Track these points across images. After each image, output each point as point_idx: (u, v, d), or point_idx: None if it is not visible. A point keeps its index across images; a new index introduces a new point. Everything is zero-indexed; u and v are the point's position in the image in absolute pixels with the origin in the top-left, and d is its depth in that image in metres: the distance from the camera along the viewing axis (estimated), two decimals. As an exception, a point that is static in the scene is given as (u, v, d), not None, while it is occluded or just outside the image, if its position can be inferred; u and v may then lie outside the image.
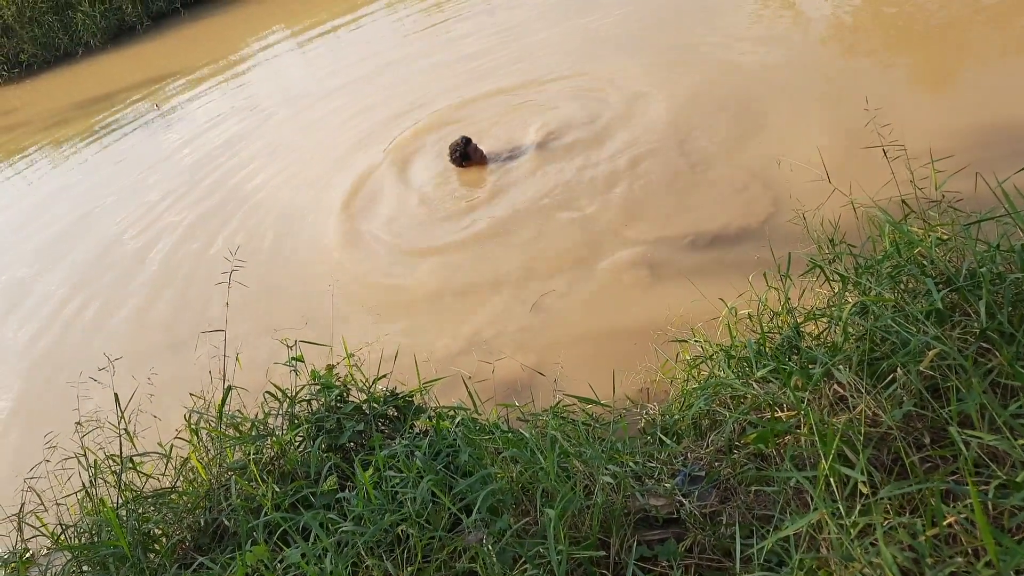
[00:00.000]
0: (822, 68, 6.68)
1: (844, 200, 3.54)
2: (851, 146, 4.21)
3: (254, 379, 4.55)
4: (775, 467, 2.55)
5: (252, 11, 14.84)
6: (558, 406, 3.56)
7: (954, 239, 2.96)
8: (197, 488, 3.40)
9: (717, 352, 3.49)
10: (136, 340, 6.11)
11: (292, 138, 8.86)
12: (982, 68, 6.02)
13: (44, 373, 6.08)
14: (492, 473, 2.77)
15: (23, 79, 14.92)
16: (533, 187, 6.38)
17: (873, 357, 2.70)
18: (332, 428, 3.47)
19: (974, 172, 3.26)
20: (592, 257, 5.33)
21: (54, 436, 3.78)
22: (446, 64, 9.69)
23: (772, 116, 6.15)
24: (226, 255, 4.00)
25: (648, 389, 4.02)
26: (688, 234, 5.18)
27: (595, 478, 2.69)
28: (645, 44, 8.29)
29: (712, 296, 4.02)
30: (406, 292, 5.64)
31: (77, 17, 14.96)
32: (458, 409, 3.48)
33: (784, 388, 2.73)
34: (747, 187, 5.39)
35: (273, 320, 5.61)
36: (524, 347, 4.74)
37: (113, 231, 8.02)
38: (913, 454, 2.35)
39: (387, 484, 2.86)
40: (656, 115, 6.69)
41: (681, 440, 3.17)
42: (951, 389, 2.39)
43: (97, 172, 9.86)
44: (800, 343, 3.05)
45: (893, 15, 7.28)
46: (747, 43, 7.43)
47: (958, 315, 2.65)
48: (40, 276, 7.62)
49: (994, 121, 5.18)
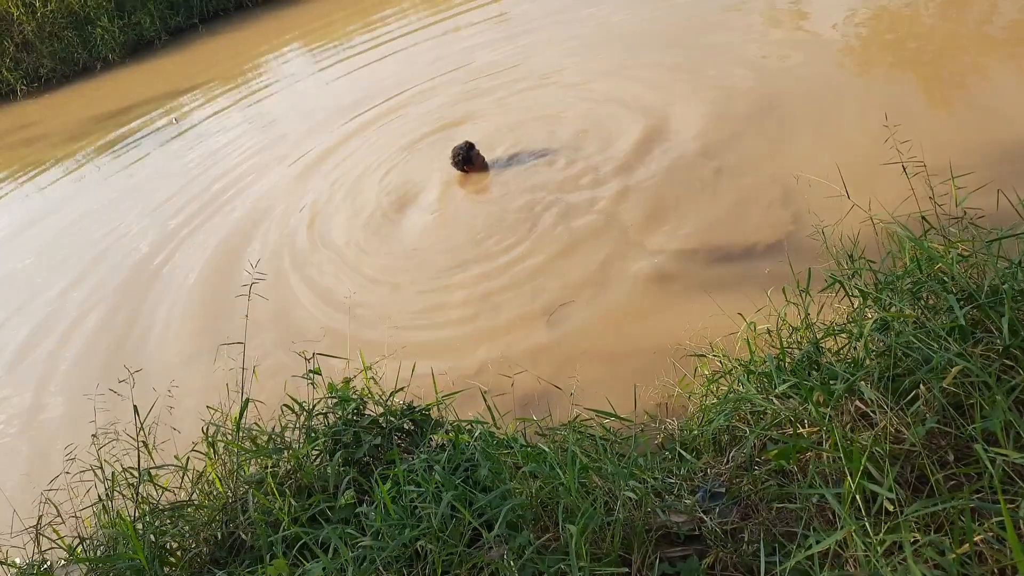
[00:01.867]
0: (840, 84, 6.67)
1: (863, 216, 3.53)
2: (870, 161, 4.20)
3: (272, 391, 4.56)
4: (798, 483, 2.53)
5: (269, 26, 14.98)
6: (576, 420, 3.56)
7: (975, 256, 2.94)
8: (214, 501, 3.40)
9: (736, 367, 3.48)
10: (156, 353, 6.14)
11: (308, 154, 8.91)
12: (1001, 84, 5.99)
13: (64, 386, 6.11)
14: (512, 488, 2.76)
15: (42, 93, 15.08)
16: (542, 195, 6.40)
17: (895, 374, 2.68)
18: (349, 442, 3.47)
19: (995, 188, 3.25)
20: (609, 270, 5.32)
21: (73, 448, 3.79)
22: (461, 73, 9.75)
23: (791, 131, 6.14)
24: (247, 268, 4.02)
25: (666, 404, 4.00)
26: (706, 247, 5.18)
27: (616, 494, 2.68)
28: (660, 53, 8.31)
29: (731, 310, 4.01)
30: (424, 305, 5.65)
31: (96, 32, 15.12)
32: (476, 423, 3.47)
33: (805, 404, 2.71)
34: (765, 201, 5.38)
35: (292, 332, 5.63)
36: (541, 360, 4.73)
37: (132, 244, 8.07)
38: (937, 471, 2.33)
39: (405, 499, 2.85)
40: (673, 127, 6.70)
41: (701, 456, 3.16)
42: (975, 406, 2.37)
43: (115, 185, 9.95)
44: (820, 359, 3.03)
45: (910, 30, 7.27)
46: (762, 59, 7.44)
47: (980, 332, 2.63)
48: (57, 289, 7.67)
49: (1014, 137, 5.16)
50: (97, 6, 15.22)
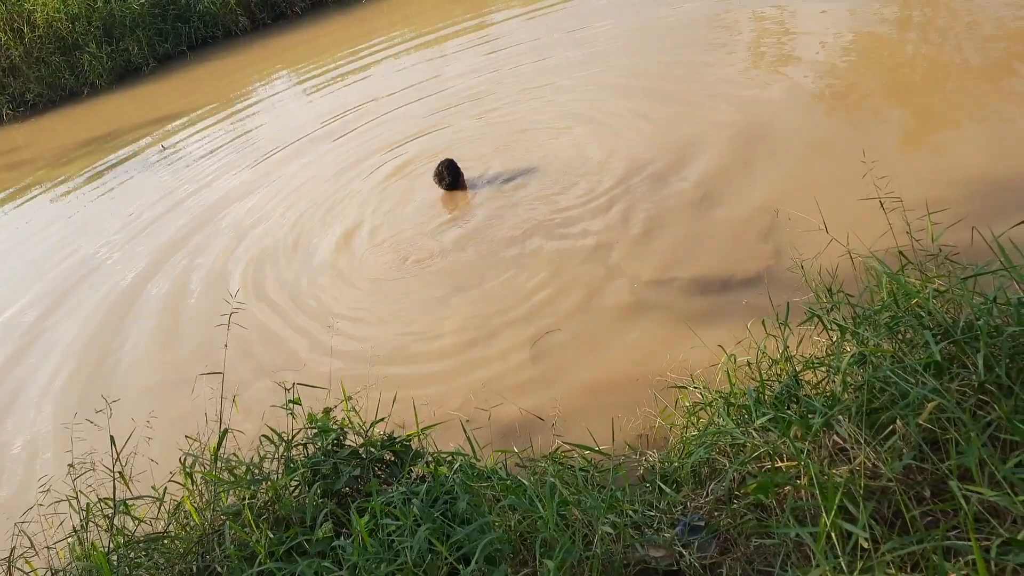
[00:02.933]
0: (819, 119, 6.77)
1: (842, 250, 3.57)
2: (848, 196, 4.27)
3: (252, 421, 4.53)
4: (776, 519, 2.53)
5: (256, 54, 15.05)
6: (557, 452, 3.55)
7: (951, 291, 2.97)
8: (190, 533, 3.36)
9: (716, 399, 3.49)
10: (135, 382, 6.08)
11: (293, 178, 8.92)
12: (975, 121, 6.09)
13: (42, 414, 6.03)
14: (490, 521, 2.74)
15: (28, 118, 15.05)
16: (521, 221, 6.45)
17: (872, 408, 2.70)
18: (328, 473, 3.44)
19: (970, 224, 3.30)
20: (590, 300, 5.33)
21: (48, 479, 3.75)
22: (445, 100, 9.83)
23: (771, 165, 6.20)
24: (226, 297, 4.01)
25: (647, 435, 4.00)
26: (687, 279, 5.20)
27: (594, 527, 2.67)
28: (645, 84, 8.39)
29: (712, 342, 4.03)
30: (406, 334, 5.63)
31: (84, 58, 15.14)
32: (456, 455, 3.46)
33: (783, 438, 2.72)
34: (746, 234, 5.42)
35: (272, 362, 5.60)
36: (522, 390, 4.72)
37: (113, 271, 8.02)
38: (914, 508, 2.34)
39: (383, 532, 2.83)
40: (656, 158, 6.75)
41: (681, 488, 3.15)
42: (950, 442, 2.39)
43: (99, 211, 9.91)
44: (799, 392, 3.05)
45: (887, 68, 7.39)
46: (745, 93, 7.53)
47: (956, 367, 2.66)
48: (37, 316, 7.60)
49: (987, 173, 5.24)
50: (85, 32, 15.24)
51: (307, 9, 16.41)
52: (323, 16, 16.06)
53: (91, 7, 15.33)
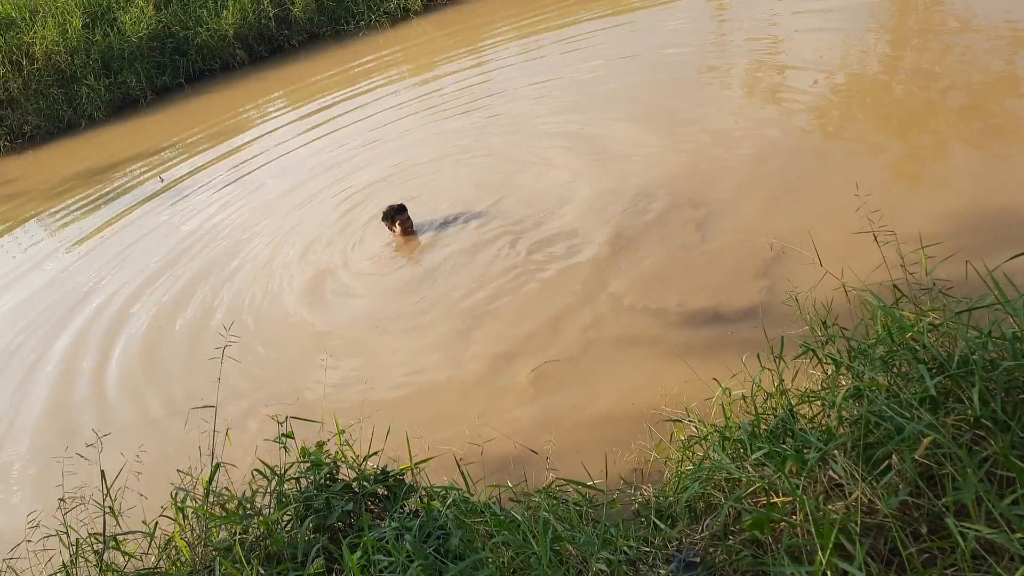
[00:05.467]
0: (813, 153, 6.81)
1: (836, 283, 3.58)
2: (842, 230, 4.29)
3: (244, 455, 4.49)
4: (771, 556, 2.51)
5: (254, 86, 15.14)
6: (551, 487, 3.52)
7: (946, 325, 2.97)
8: (180, 569, 3.32)
9: (712, 433, 3.48)
10: (126, 414, 6.04)
11: (287, 211, 8.92)
12: (968, 155, 6.15)
13: (31, 447, 5.98)
14: (483, 558, 2.71)
15: (25, 150, 15.08)
16: (506, 256, 6.52)
17: (868, 443, 2.68)
18: (321, 507, 3.41)
19: (963, 258, 3.31)
20: (585, 332, 5.33)
21: (37, 514, 3.71)
22: (437, 137, 9.89)
23: (766, 198, 6.23)
24: (220, 331, 4.00)
25: (642, 469, 3.98)
26: (682, 312, 5.20)
27: (588, 564, 2.64)
28: (637, 117, 8.45)
29: (706, 375, 4.02)
30: (396, 367, 5.62)
31: (82, 90, 15.20)
32: (449, 489, 3.43)
33: (779, 473, 2.70)
34: (739, 267, 5.44)
35: (265, 395, 5.57)
36: (516, 424, 4.70)
37: (106, 302, 7.99)
38: (911, 544, 2.32)
39: (375, 568, 2.80)
40: (649, 191, 6.78)
41: (676, 524, 3.13)
42: (947, 477, 2.37)
43: (93, 243, 9.90)
44: (794, 426, 3.03)
45: (878, 102, 7.47)
46: (733, 130, 7.58)
47: (952, 402, 2.65)
48: (31, 347, 7.56)
49: (980, 207, 5.27)
50: (84, 65, 15.32)
51: (304, 43, 16.53)
52: (320, 49, 16.20)
53: (90, 40, 15.42)
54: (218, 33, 16.04)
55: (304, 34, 16.71)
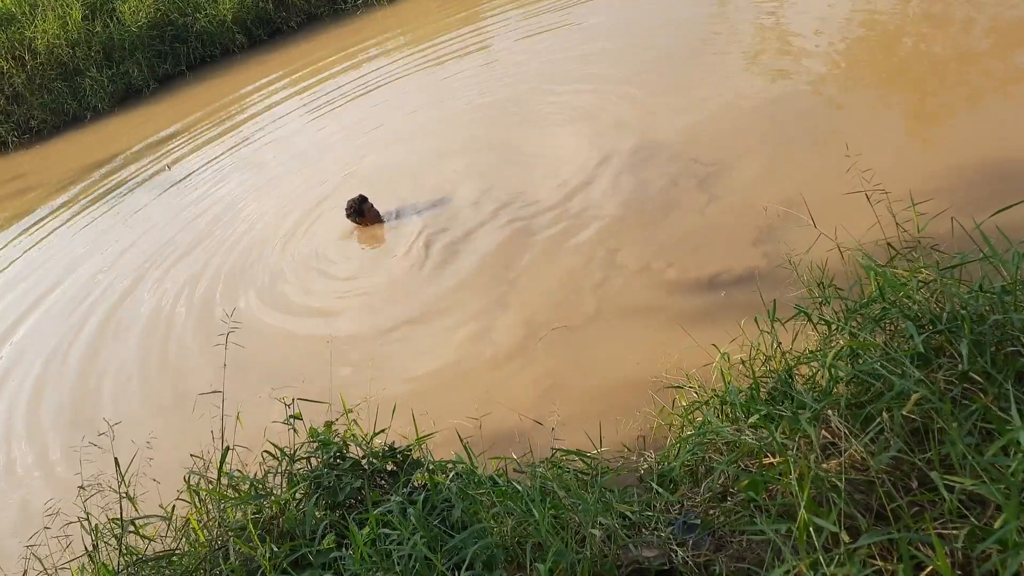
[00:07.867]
0: (805, 115, 6.75)
1: (831, 244, 3.59)
2: (836, 190, 4.28)
3: (256, 438, 4.57)
4: (764, 515, 2.56)
5: (254, 71, 15.11)
6: (555, 457, 3.58)
7: (938, 281, 2.98)
8: (197, 550, 3.41)
9: (712, 398, 3.52)
10: (139, 402, 6.14)
11: (293, 194, 8.97)
12: (959, 110, 6.09)
13: (47, 437, 6.10)
14: (486, 527, 2.78)
15: (33, 144, 15.16)
16: (506, 224, 6.57)
17: (861, 401, 2.72)
18: (330, 485, 3.49)
19: (962, 214, 3.31)
20: (585, 301, 5.37)
21: (56, 502, 3.81)
22: (447, 116, 9.87)
23: (760, 161, 6.21)
24: (223, 317, 4.06)
25: (645, 436, 4.03)
26: (678, 278, 5.22)
27: (586, 529, 2.70)
28: (636, 78, 8.41)
29: (705, 341, 4.05)
30: (399, 346, 5.68)
31: (85, 83, 15.24)
32: (454, 463, 3.50)
33: (771, 436, 2.74)
34: (736, 232, 5.43)
35: (273, 378, 5.64)
36: (520, 395, 4.75)
37: (112, 291, 8.08)
38: (902, 498, 2.36)
39: (383, 542, 2.87)
40: (642, 157, 6.77)
41: (678, 488, 3.18)
42: (936, 432, 2.41)
43: (103, 233, 9.98)
44: (791, 388, 3.07)
45: (868, 60, 7.39)
46: (727, 92, 7.53)
47: (943, 357, 2.67)
48: (43, 339, 7.68)
49: (972, 162, 5.23)
50: (86, 57, 15.35)
51: (302, 23, 16.47)
52: (319, 29, 16.15)
53: (90, 31, 15.43)
54: (216, 18, 16.00)
55: (302, 15, 16.64)
